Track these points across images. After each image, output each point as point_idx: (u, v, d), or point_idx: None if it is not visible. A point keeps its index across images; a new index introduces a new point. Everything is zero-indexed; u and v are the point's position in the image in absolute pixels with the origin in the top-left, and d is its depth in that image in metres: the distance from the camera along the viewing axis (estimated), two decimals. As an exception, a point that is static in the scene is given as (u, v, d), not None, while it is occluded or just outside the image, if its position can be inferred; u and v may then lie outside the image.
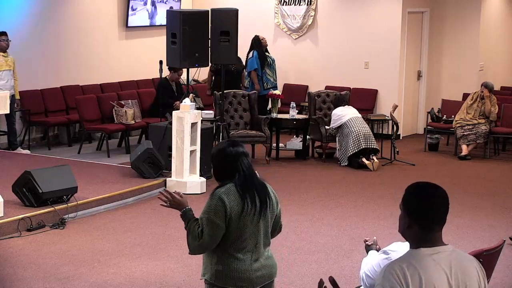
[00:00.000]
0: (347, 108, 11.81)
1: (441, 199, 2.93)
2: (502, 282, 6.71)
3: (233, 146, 4.12)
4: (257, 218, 4.03)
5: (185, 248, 7.51)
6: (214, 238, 3.97)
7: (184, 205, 4.15)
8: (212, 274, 4.05)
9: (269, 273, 4.15)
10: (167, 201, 4.18)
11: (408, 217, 2.92)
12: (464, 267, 2.91)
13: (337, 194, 9.93)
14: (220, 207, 3.95)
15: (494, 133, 12.70)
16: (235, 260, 4.02)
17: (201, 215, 4.02)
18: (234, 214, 3.96)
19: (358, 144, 11.37)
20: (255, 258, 4.07)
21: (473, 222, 8.68)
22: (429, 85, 14.84)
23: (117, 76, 13.99)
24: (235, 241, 4.00)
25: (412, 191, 2.96)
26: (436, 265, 2.86)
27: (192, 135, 9.69)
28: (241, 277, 4.02)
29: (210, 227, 3.95)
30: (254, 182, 4.06)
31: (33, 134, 12.66)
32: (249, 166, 4.08)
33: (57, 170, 8.58)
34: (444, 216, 2.93)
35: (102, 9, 13.76)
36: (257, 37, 13.19)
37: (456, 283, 2.87)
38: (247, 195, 3.99)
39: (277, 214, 4.20)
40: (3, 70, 11.28)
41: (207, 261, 4.09)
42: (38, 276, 6.66)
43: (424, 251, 2.88)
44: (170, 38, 10.06)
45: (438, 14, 14.63)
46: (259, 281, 4.09)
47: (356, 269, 5.53)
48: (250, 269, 4.04)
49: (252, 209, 4.00)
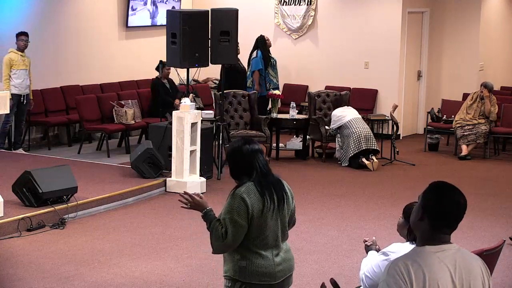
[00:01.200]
0: (347, 108, 11.81)
1: (460, 206, 2.91)
2: (502, 282, 6.71)
3: (249, 143, 4.20)
4: (276, 214, 4.12)
5: (185, 248, 7.54)
6: (238, 238, 4.04)
7: (205, 206, 4.20)
8: (235, 270, 4.11)
9: (289, 266, 4.24)
10: (188, 203, 4.20)
11: (423, 211, 2.92)
12: (468, 266, 2.91)
13: (337, 194, 9.93)
14: (242, 207, 4.02)
15: (494, 133, 12.70)
16: (258, 256, 4.09)
17: (224, 215, 4.07)
18: (256, 212, 4.04)
19: (359, 145, 11.37)
20: (276, 253, 4.15)
21: (473, 222, 8.68)
22: (429, 85, 14.84)
23: (117, 76, 13.99)
24: (257, 238, 4.08)
25: (436, 190, 2.93)
26: (441, 263, 2.86)
27: (192, 135, 9.69)
28: (264, 272, 4.10)
29: (233, 227, 4.02)
30: (270, 179, 4.15)
31: (33, 134, 12.66)
32: (265, 163, 4.18)
33: (57, 170, 8.58)
34: (458, 223, 2.93)
35: (102, 9, 13.76)
36: (263, 37, 13.12)
37: (460, 282, 2.87)
38: (266, 192, 4.08)
39: (292, 208, 4.30)
40: (20, 69, 11.39)
41: (229, 258, 4.15)
42: (38, 276, 6.66)
43: (429, 249, 2.88)
44: (170, 38, 10.06)
45: (438, 14, 14.63)
46: (281, 275, 4.17)
47: (356, 269, 5.53)
48: (272, 264, 4.12)
49: (271, 206, 4.09)
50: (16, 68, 11.37)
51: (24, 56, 11.49)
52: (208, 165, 10.31)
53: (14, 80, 11.36)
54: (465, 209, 2.93)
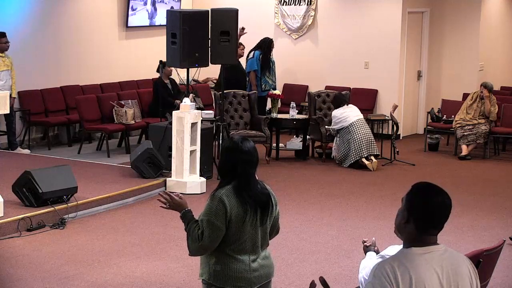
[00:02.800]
0: (348, 109, 11.68)
1: (445, 206, 2.90)
2: (502, 282, 6.71)
3: (244, 146, 4.05)
4: (257, 224, 4.03)
5: (185, 248, 7.51)
6: (214, 240, 3.96)
7: (184, 206, 4.14)
8: (210, 274, 4.05)
9: (266, 273, 4.14)
10: (166, 203, 4.16)
11: (408, 214, 2.91)
12: (456, 267, 2.90)
13: (337, 194, 9.93)
14: (220, 209, 3.94)
15: (494, 133, 12.70)
16: (233, 261, 4.01)
17: (201, 216, 4.01)
18: (234, 216, 3.95)
19: (360, 152, 11.35)
20: (254, 258, 4.06)
21: (473, 222, 8.68)
22: (429, 85, 14.85)
23: (117, 76, 13.99)
24: (234, 242, 4.00)
25: (418, 190, 2.93)
26: (427, 264, 2.85)
27: (192, 135, 9.69)
28: (239, 277, 4.02)
29: (210, 229, 3.94)
30: (253, 189, 4.02)
31: (33, 134, 12.66)
32: (250, 173, 4.03)
33: (57, 170, 8.58)
34: (443, 223, 2.92)
35: (102, 9, 13.76)
36: (269, 40, 12.98)
37: (447, 283, 2.86)
38: (247, 200, 3.97)
39: (275, 216, 4.19)
40: (1, 71, 11.31)
41: (205, 261, 4.09)
42: (38, 276, 6.66)
43: (416, 251, 2.87)
44: (170, 38, 10.05)
45: (438, 14, 14.63)
46: (257, 281, 4.08)
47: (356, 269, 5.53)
48: (248, 269, 4.03)
49: (253, 217, 4.00)
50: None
51: (4, 57, 11.36)
52: (208, 165, 10.31)
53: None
54: (450, 208, 2.92)
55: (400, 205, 2.99)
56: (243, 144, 4.07)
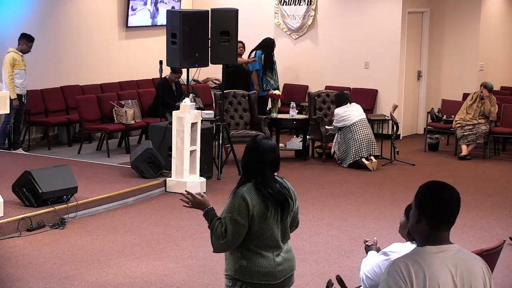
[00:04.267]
0: (351, 107, 11.61)
1: (454, 200, 2.92)
2: (502, 282, 6.71)
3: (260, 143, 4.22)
4: (279, 218, 4.13)
5: (185, 248, 7.54)
6: (238, 237, 4.04)
7: (206, 204, 4.21)
8: (236, 269, 4.12)
9: (290, 266, 4.25)
10: (189, 202, 4.21)
11: (418, 213, 2.93)
12: (469, 267, 2.91)
13: (337, 194, 9.93)
14: (243, 206, 4.03)
15: (494, 133, 12.70)
16: (258, 256, 4.10)
17: (224, 214, 4.08)
18: (256, 212, 4.05)
19: (360, 152, 11.34)
20: (277, 253, 4.16)
21: (473, 222, 8.68)
22: (429, 85, 14.84)
23: (117, 76, 13.99)
24: (258, 238, 4.09)
25: (426, 189, 2.95)
26: (441, 263, 2.86)
27: (192, 135, 9.69)
28: (265, 272, 4.11)
29: (233, 226, 4.02)
30: (274, 188, 4.14)
31: (33, 134, 12.66)
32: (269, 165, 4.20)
33: (57, 170, 8.58)
34: (454, 217, 2.94)
35: (102, 9, 13.76)
36: (271, 40, 13.01)
37: (461, 282, 2.87)
38: (268, 197, 4.08)
39: (295, 211, 4.30)
40: (21, 69, 11.45)
41: (230, 257, 4.16)
42: (38, 276, 6.66)
43: (430, 249, 2.88)
44: (170, 38, 10.05)
45: (438, 14, 14.63)
46: (282, 275, 4.18)
47: (356, 269, 5.53)
48: (273, 264, 4.13)
49: (274, 212, 4.10)
50: (18, 68, 11.39)
51: (23, 56, 11.53)
52: (208, 165, 10.31)
53: (16, 80, 11.37)
54: (459, 202, 2.94)
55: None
56: (263, 143, 4.23)
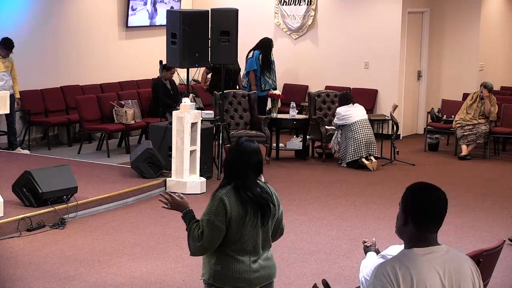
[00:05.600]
0: (353, 108, 11.59)
1: (440, 201, 2.90)
2: (502, 282, 6.71)
3: (243, 145, 4.07)
4: (258, 225, 4.03)
5: (185, 248, 7.51)
6: (215, 240, 3.96)
7: (185, 206, 4.14)
8: (210, 274, 4.05)
9: (268, 274, 4.13)
10: (168, 203, 4.16)
11: (405, 215, 2.91)
12: (458, 267, 2.90)
13: (337, 194, 9.93)
14: (221, 209, 3.94)
15: (494, 133, 12.70)
16: (234, 261, 4.01)
17: (202, 216, 4.01)
18: (235, 216, 3.95)
19: (359, 152, 11.33)
20: (254, 259, 4.05)
21: (473, 222, 8.68)
22: (429, 85, 14.84)
23: (117, 76, 13.99)
24: (235, 243, 4.00)
25: (411, 190, 2.95)
26: (429, 265, 2.84)
27: (192, 135, 9.69)
28: (239, 278, 4.02)
29: (210, 229, 3.94)
30: (253, 187, 4.02)
31: (33, 134, 12.66)
32: (250, 168, 4.03)
33: (57, 170, 8.58)
34: (441, 218, 2.91)
35: (102, 9, 13.76)
36: (269, 40, 12.98)
37: (449, 283, 2.85)
38: (247, 200, 3.97)
39: (278, 217, 4.18)
40: (7, 71, 11.35)
41: (206, 261, 4.09)
42: (38, 276, 6.66)
43: (417, 251, 2.87)
44: (170, 38, 10.06)
45: (438, 14, 14.63)
46: (258, 282, 4.08)
47: (356, 269, 5.53)
48: (248, 270, 4.03)
49: (254, 216, 4.00)
50: None
51: (4, 58, 11.41)
52: (208, 165, 10.31)
53: None
54: (446, 203, 2.92)
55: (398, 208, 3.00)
56: (245, 145, 4.07)
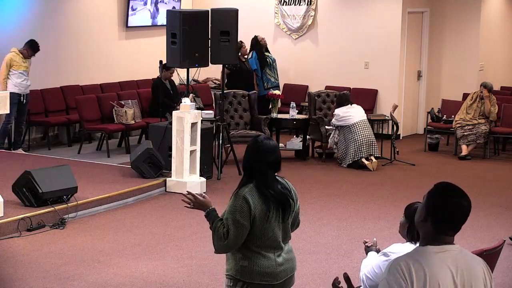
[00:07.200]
0: (352, 109, 11.59)
1: (461, 208, 2.90)
2: (502, 282, 6.71)
3: (261, 143, 4.16)
4: (280, 219, 4.12)
5: (185, 248, 7.54)
6: (240, 238, 4.04)
7: (208, 205, 4.19)
8: (237, 270, 4.12)
9: (291, 266, 4.24)
10: (191, 203, 4.20)
11: (426, 212, 2.91)
12: (470, 268, 2.91)
13: (337, 194, 9.93)
14: (245, 207, 4.02)
15: (494, 133, 12.70)
16: (260, 256, 4.10)
17: (226, 215, 4.07)
18: (258, 213, 4.04)
19: (359, 153, 11.33)
20: (278, 253, 4.16)
21: (473, 222, 8.67)
22: (429, 85, 14.84)
23: (117, 76, 13.99)
24: (259, 239, 4.08)
25: (440, 190, 2.93)
26: (442, 263, 2.86)
27: (192, 135, 9.69)
28: (266, 272, 4.11)
29: (235, 227, 4.01)
30: (274, 184, 4.12)
31: (33, 134, 12.66)
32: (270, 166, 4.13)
33: (57, 170, 8.58)
34: (460, 224, 2.92)
35: (102, 9, 13.76)
36: (256, 37, 13.19)
37: (461, 282, 2.87)
38: (269, 197, 4.06)
39: (296, 211, 4.28)
40: (20, 70, 11.50)
41: (231, 257, 4.16)
42: (38, 276, 6.66)
43: (431, 249, 2.88)
44: (170, 38, 10.05)
45: (438, 14, 14.63)
46: (283, 275, 4.17)
47: (356, 269, 5.53)
48: (274, 264, 4.13)
49: (276, 212, 4.09)
50: (16, 68, 11.39)
51: (25, 58, 11.53)
52: (208, 165, 10.31)
53: (14, 80, 11.37)
54: (469, 212, 2.92)
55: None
56: (264, 143, 4.17)
